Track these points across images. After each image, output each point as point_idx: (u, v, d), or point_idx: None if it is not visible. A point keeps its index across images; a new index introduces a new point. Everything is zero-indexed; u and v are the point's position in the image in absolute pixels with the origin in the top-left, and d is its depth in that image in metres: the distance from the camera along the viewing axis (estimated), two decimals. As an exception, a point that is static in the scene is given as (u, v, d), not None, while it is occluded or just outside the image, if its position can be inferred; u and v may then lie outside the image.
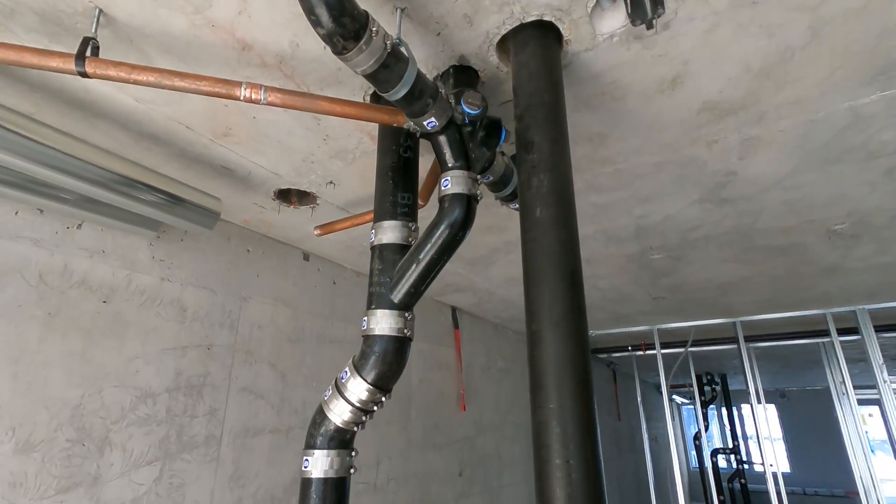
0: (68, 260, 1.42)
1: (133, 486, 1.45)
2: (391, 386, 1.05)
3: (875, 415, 12.52)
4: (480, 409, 3.42)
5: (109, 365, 1.46)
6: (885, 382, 3.17)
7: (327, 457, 1.01)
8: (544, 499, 0.73)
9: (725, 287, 2.90)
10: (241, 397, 1.82)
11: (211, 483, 1.66)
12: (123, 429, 1.46)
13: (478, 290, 2.94)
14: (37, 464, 1.27)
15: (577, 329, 0.81)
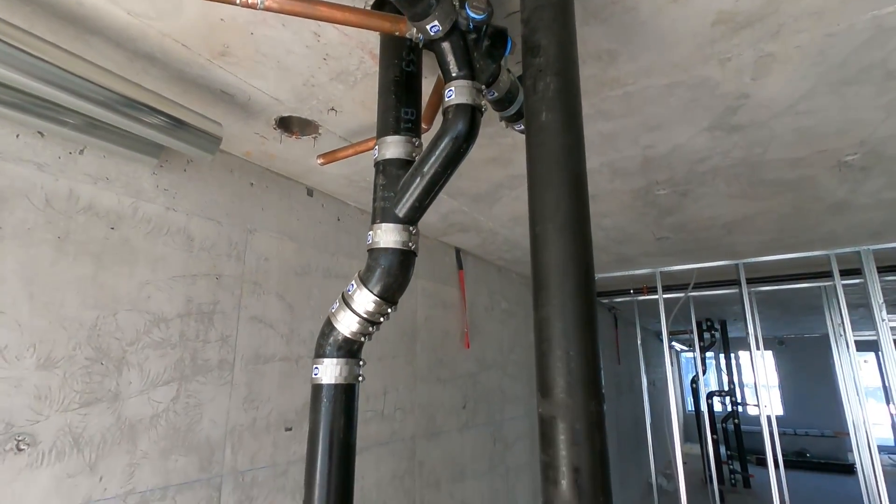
0: (73, 185, 1.42)
1: (152, 403, 1.52)
2: (397, 298, 1.07)
3: (870, 362, 12.80)
4: (483, 347, 3.51)
5: (121, 290, 1.49)
6: (883, 321, 3.21)
7: (336, 365, 1.05)
8: (545, 387, 0.76)
9: (730, 226, 2.90)
10: (250, 326, 1.87)
11: (226, 404, 1.74)
12: (139, 350, 1.51)
13: (482, 229, 2.95)
14: (59, 379, 1.33)
15: (580, 231, 0.81)
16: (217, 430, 1.70)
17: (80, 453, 1.34)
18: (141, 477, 1.47)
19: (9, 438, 1.22)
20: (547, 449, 0.74)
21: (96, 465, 1.37)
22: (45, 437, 1.28)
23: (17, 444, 1.23)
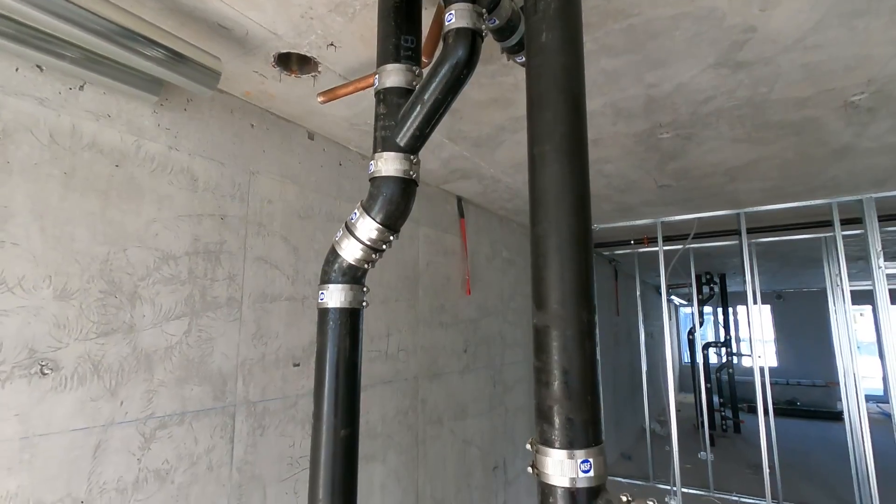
0: (75, 121, 1.43)
1: (166, 335, 1.59)
2: (399, 226, 1.10)
3: (866, 314, 12.98)
4: (485, 294, 3.58)
5: (130, 226, 1.53)
6: (879, 269, 3.25)
7: (341, 290, 1.10)
8: (540, 299, 0.80)
9: (733, 172, 2.89)
10: (256, 266, 1.92)
11: (236, 339, 1.81)
12: (150, 286, 1.57)
13: (483, 176, 2.95)
14: (76, 309, 1.38)
15: (577, 151, 0.83)
16: (228, 363, 1.78)
17: (100, 379, 1.42)
18: (159, 403, 1.55)
19: (33, 363, 1.29)
20: (540, 355, 0.79)
21: (116, 391, 1.45)
22: (66, 364, 1.35)
23: (41, 369, 1.30)
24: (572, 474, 0.73)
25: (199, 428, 1.66)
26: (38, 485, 1.27)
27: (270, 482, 1.89)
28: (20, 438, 1.25)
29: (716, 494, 4.93)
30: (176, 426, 1.59)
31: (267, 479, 1.88)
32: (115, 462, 1.43)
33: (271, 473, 1.89)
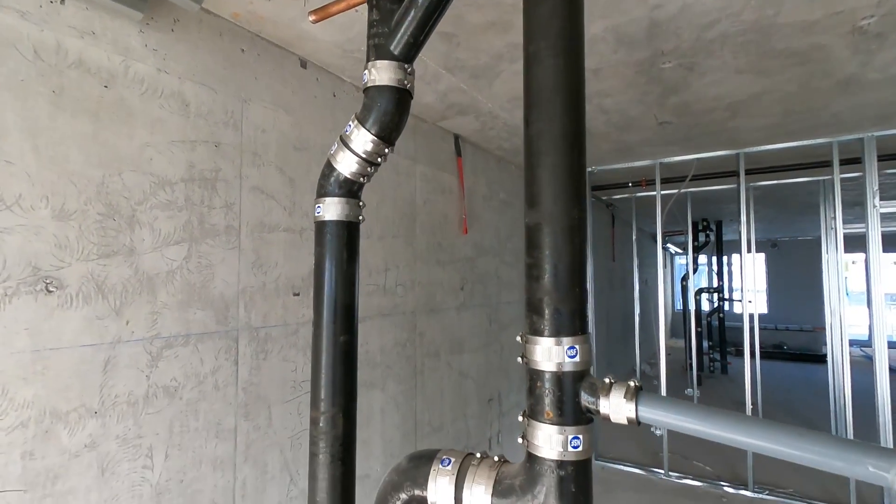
0: (60, 38, 1.39)
1: (166, 260, 1.62)
2: (394, 139, 1.10)
3: (858, 263, 13.15)
4: (481, 234, 3.61)
5: (123, 150, 1.52)
6: (874, 207, 3.27)
7: (338, 203, 1.11)
8: (532, 198, 0.81)
9: (735, 107, 2.84)
10: (253, 196, 1.92)
11: (236, 267, 1.84)
12: (148, 210, 1.57)
13: (481, 112, 2.90)
14: (75, 231, 1.40)
15: (573, 48, 0.82)
16: (230, 289, 1.82)
17: (104, 299, 1.45)
18: (164, 324, 1.60)
19: (37, 280, 1.32)
20: (532, 252, 0.82)
21: (121, 311, 1.49)
22: (70, 282, 1.38)
23: (46, 286, 1.33)
24: (559, 359, 0.77)
25: (205, 350, 1.73)
26: (53, 395, 1.34)
27: (275, 403, 1.98)
28: (32, 351, 1.30)
29: (700, 427, 5.18)
30: (181, 347, 1.65)
31: (272, 400, 1.97)
32: (124, 377, 1.49)
33: (275, 395, 1.98)
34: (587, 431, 0.78)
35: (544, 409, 0.78)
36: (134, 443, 1.51)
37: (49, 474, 1.32)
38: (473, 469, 0.87)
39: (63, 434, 1.35)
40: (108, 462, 1.44)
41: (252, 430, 1.88)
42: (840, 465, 0.59)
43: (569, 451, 0.76)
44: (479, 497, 0.84)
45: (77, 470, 1.38)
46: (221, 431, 1.77)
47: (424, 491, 0.90)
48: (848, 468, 0.59)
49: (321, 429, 1.07)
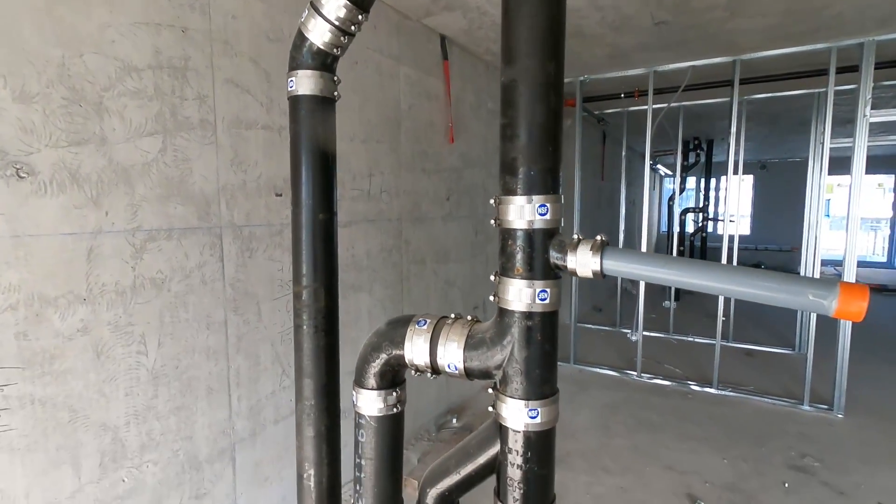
0: None
1: (140, 151, 1.58)
2: (368, 5, 1.04)
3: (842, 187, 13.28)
4: (468, 144, 3.55)
5: (82, 29, 1.42)
6: (864, 117, 3.24)
7: (311, 77, 1.06)
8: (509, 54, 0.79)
9: (734, 4, 2.70)
10: (227, 89, 1.84)
11: (214, 163, 1.81)
12: (115, 98, 1.51)
13: (469, 8, 2.72)
14: (40, 115, 1.34)
15: None
16: (209, 185, 1.79)
17: (80, 188, 1.43)
18: (144, 217, 1.60)
19: (6, 165, 1.29)
20: (507, 111, 0.80)
21: (99, 201, 1.48)
22: (42, 169, 1.35)
23: (16, 171, 1.30)
24: (530, 217, 0.79)
25: (189, 245, 1.74)
26: (39, 280, 1.36)
27: (263, 300, 2.03)
28: (11, 237, 1.30)
29: (674, 337, 5.48)
30: (164, 241, 1.66)
31: (260, 297, 2.02)
32: (110, 267, 1.51)
33: (263, 292, 2.03)
34: (554, 286, 0.81)
35: (515, 266, 0.81)
36: (126, 330, 1.56)
37: (45, 354, 1.37)
38: (447, 328, 0.92)
39: (54, 318, 1.39)
40: (102, 346, 1.50)
41: (242, 324, 1.95)
42: (784, 297, 0.63)
43: (536, 304, 0.80)
44: (452, 352, 0.90)
45: (73, 352, 1.43)
46: (212, 324, 1.83)
47: (402, 350, 0.95)
48: (791, 299, 0.63)
49: (304, 302, 1.11)
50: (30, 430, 1.35)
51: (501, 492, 0.87)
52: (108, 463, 1.53)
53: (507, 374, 0.84)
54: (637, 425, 3.38)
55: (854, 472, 2.78)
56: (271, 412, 2.10)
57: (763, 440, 3.16)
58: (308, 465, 1.14)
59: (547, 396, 0.83)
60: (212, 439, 1.85)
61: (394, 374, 0.99)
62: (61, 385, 1.41)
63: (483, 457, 0.91)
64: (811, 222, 5.11)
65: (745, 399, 3.83)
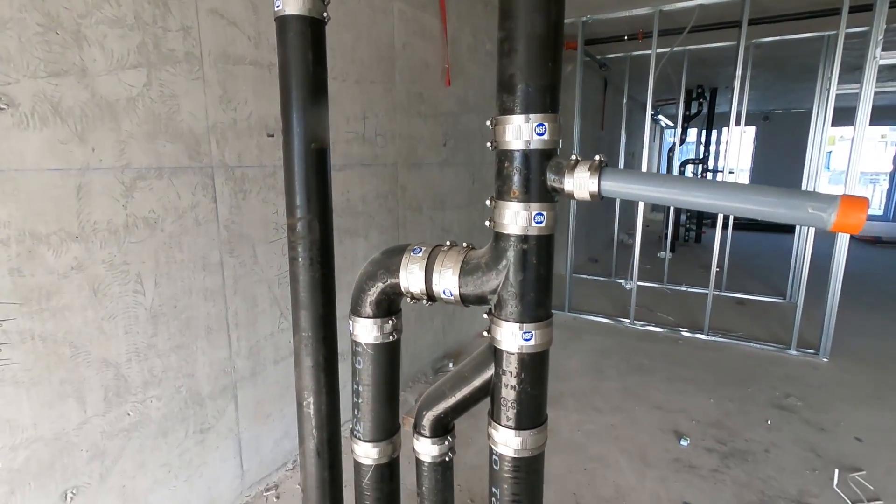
0: None
1: (125, 85, 1.52)
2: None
3: (844, 141, 13.09)
4: (465, 88, 3.44)
5: (52, -52, 1.33)
6: (874, 59, 3.14)
7: (299, -4, 1.00)
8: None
9: (747, -66, 2.54)
10: (212, 20, 1.75)
11: (202, 100, 1.74)
12: (94, 26, 1.43)
13: (465, -64, 2.56)
14: (15, 42, 1.28)
15: None
16: (198, 123, 1.74)
17: (63, 122, 1.39)
18: (132, 154, 1.56)
19: (-15, 95, 1.24)
20: (504, 23, 0.76)
21: (84, 136, 1.43)
22: (22, 100, 1.30)
23: (-5, 102, 1.26)
24: (528, 137, 0.77)
25: (180, 185, 1.71)
26: (29, 217, 1.33)
27: (259, 242, 2.02)
28: (-4, 171, 1.27)
29: (668, 287, 5.55)
30: (155, 179, 1.63)
31: (255, 240, 2.01)
32: (101, 205, 1.49)
33: (259, 235, 2.02)
34: (550, 209, 0.80)
35: (511, 188, 0.80)
36: (121, 269, 1.56)
37: (41, 291, 1.37)
38: (443, 255, 0.92)
39: (48, 255, 1.38)
40: (98, 285, 1.50)
41: (238, 266, 1.95)
42: (783, 211, 0.62)
43: (532, 227, 0.79)
44: (447, 279, 0.90)
45: (69, 289, 1.43)
46: (208, 265, 1.83)
47: (397, 278, 0.96)
48: (791, 213, 0.62)
49: (298, 233, 1.09)
50: (32, 365, 1.37)
51: (495, 413, 0.90)
52: (113, 397, 1.57)
53: (502, 298, 0.84)
54: (628, 369, 3.47)
55: (834, 411, 2.90)
56: (271, 353, 2.14)
57: (749, 382, 3.26)
58: (307, 393, 1.17)
59: (541, 319, 0.84)
60: (213, 377, 1.90)
61: (389, 302, 1.00)
62: (60, 321, 1.42)
63: (478, 380, 0.93)
64: (811, 172, 5.06)
65: (734, 344, 3.93)
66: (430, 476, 1.02)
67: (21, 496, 1.38)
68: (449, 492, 1.04)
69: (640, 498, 2.14)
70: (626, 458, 2.43)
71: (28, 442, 1.38)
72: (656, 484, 2.24)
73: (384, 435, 1.06)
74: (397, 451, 1.10)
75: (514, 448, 0.87)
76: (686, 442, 2.55)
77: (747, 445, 2.54)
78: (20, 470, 1.37)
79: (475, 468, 2.29)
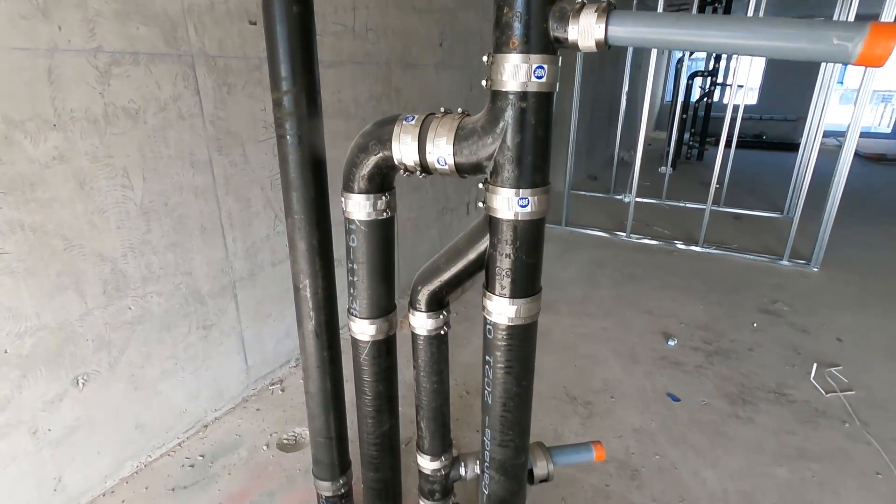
0: None
1: (85, -47, 1.37)
2: None
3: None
4: (463, -20, 3.17)
5: None
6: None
7: None
8: None
9: None
10: None
11: (174, -24, 1.59)
12: None
13: None
14: None
15: None
16: (172, 4, 1.60)
17: (23, -6, 1.27)
18: (103, 36, 1.44)
19: (-72, -44, 1.11)
20: None
21: (48, 12, 1.31)
22: (-28, -35, 1.18)
23: (-58, -34, 1.13)
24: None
25: (159, 73, 1.60)
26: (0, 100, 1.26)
27: (248, 141, 1.95)
28: (-45, 46, 1.17)
29: (666, 202, 5.52)
30: (131, 66, 1.52)
31: (244, 138, 1.94)
32: (75, 92, 1.40)
33: (247, 133, 1.94)
34: (552, 63, 0.75)
35: (510, 38, 0.74)
36: (106, 161, 1.51)
37: (25, 181, 1.33)
38: (436, 122, 0.87)
39: (25, 143, 1.32)
40: (84, 177, 1.46)
41: (228, 165, 1.89)
42: (805, 45, 0.57)
43: (532, 82, 0.74)
44: (441, 147, 0.86)
45: (53, 181, 1.39)
46: (196, 162, 1.78)
47: (389, 150, 0.92)
48: (812, 46, 0.57)
49: (285, 109, 1.04)
50: (26, 255, 1.37)
51: (490, 283, 0.90)
52: (112, 291, 1.59)
53: (499, 164, 0.81)
54: (622, 278, 3.54)
55: (819, 315, 2.99)
56: (268, 255, 2.14)
57: (739, 290, 3.34)
58: (303, 276, 1.17)
59: (538, 185, 0.81)
60: (212, 276, 1.91)
61: (382, 177, 0.97)
62: (49, 213, 1.39)
63: (473, 252, 0.92)
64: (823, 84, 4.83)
65: (727, 256, 3.98)
66: (425, 349, 1.05)
67: (33, 380, 1.43)
68: (444, 364, 1.08)
69: (625, 390, 2.26)
70: (615, 356, 2.54)
71: (33, 330, 1.41)
72: (642, 378, 2.35)
73: (380, 312, 1.08)
74: (393, 329, 1.12)
75: (509, 316, 0.88)
76: (674, 342, 2.65)
77: (732, 345, 2.65)
78: (28, 356, 1.41)
79: (470, 366, 2.40)
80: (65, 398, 1.52)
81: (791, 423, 2.05)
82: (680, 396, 2.21)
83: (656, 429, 2.01)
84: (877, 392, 2.26)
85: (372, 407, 1.16)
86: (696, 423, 2.04)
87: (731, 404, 2.17)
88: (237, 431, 1.97)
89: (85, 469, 1.61)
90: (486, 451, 1.01)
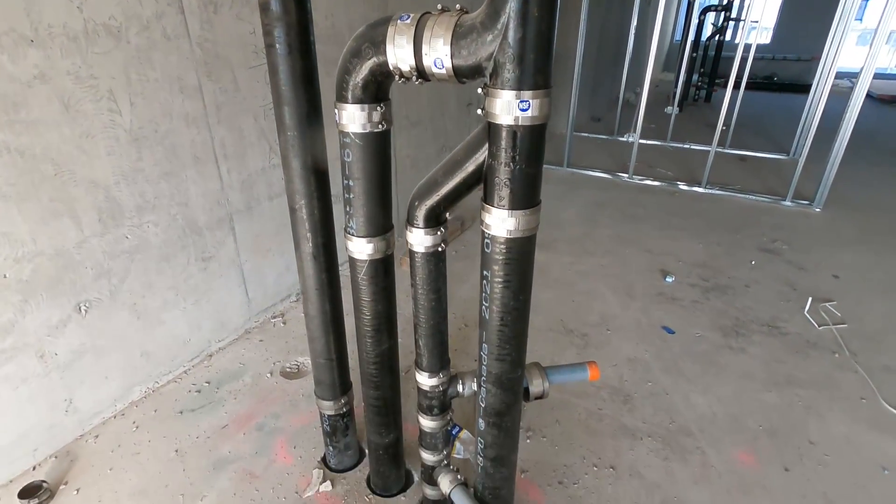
0: None
1: None
2: None
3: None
4: None
5: None
6: None
7: None
8: None
9: None
10: None
11: None
12: None
13: None
14: None
15: None
16: None
17: None
18: (76, -57, 1.34)
19: None
20: None
21: (13, -89, 1.22)
22: None
23: None
24: None
25: (139, -13, 1.51)
26: (-29, 11, 1.19)
27: (238, 67, 1.87)
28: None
29: (671, 144, 5.41)
30: (109, -22, 1.43)
31: (234, 63, 1.85)
32: (51, 5, 1.32)
33: (237, 58, 1.86)
34: (558, -53, 0.69)
35: (512, -83, 0.67)
36: (90, 83, 1.44)
37: (7, 101, 1.28)
38: (433, 20, 0.82)
39: (4, 59, 1.26)
40: (68, 99, 1.40)
41: (219, 92, 1.82)
42: None
43: (535, -31, 0.69)
44: (438, 48, 0.81)
45: (36, 101, 1.34)
46: (185, 88, 1.71)
47: (384, 54, 0.87)
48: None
49: (273, 14, 0.98)
50: (16, 179, 1.34)
51: (488, 195, 0.88)
52: (108, 219, 1.57)
53: (499, 63, 0.76)
54: (622, 218, 3.52)
55: (816, 253, 3.00)
56: (264, 188, 2.11)
57: (740, 229, 3.33)
58: (298, 197, 1.15)
59: (540, 87, 0.77)
60: (208, 208, 1.89)
61: (377, 85, 0.92)
62: (35, 135, 1.35)
63: (471, 163, 0.90)
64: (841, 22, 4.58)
65: (730, 196, 3.94)
66: (423, 266, 1.05)
67: (35, 305, 1.45)
68: (441, 281, 1.08)
69: (621, 323, 2.30)
70: (612, 292, 2.57)
71: (31, 255, 1.41)
72: (638, 312, 2.39)
73: (378, 231, 1.07)
74: (391, 249, 1.12)
75: (508, 228, 0.86)
76: (671, 279, 2.67)
77: (729, 282, 2.67)
78: (28, 281, 1.42)
79: (468, 300, 2.42)
80: (69, 324, 1.54)
81: (782, 353, 2.10)
82: (675, 329, 2.25)
83: (650, 359, 2.06)
84: (868, 325, 2.30)
85: (370, 326, 1.17)
86: (690, 354, 2.09)
87: (725, 336, 2.21)
88: (241, 360, 2.02)
89: (95, 392, 1.66)
90: (483, 365, 1.03)
